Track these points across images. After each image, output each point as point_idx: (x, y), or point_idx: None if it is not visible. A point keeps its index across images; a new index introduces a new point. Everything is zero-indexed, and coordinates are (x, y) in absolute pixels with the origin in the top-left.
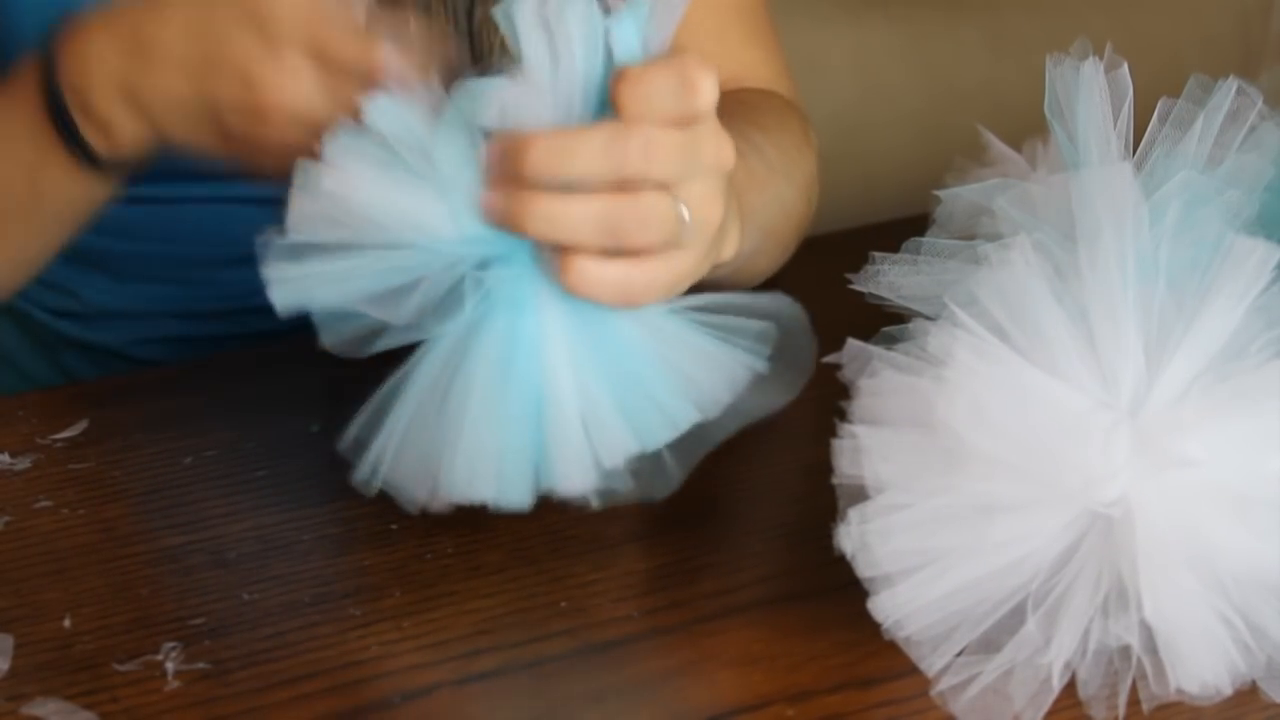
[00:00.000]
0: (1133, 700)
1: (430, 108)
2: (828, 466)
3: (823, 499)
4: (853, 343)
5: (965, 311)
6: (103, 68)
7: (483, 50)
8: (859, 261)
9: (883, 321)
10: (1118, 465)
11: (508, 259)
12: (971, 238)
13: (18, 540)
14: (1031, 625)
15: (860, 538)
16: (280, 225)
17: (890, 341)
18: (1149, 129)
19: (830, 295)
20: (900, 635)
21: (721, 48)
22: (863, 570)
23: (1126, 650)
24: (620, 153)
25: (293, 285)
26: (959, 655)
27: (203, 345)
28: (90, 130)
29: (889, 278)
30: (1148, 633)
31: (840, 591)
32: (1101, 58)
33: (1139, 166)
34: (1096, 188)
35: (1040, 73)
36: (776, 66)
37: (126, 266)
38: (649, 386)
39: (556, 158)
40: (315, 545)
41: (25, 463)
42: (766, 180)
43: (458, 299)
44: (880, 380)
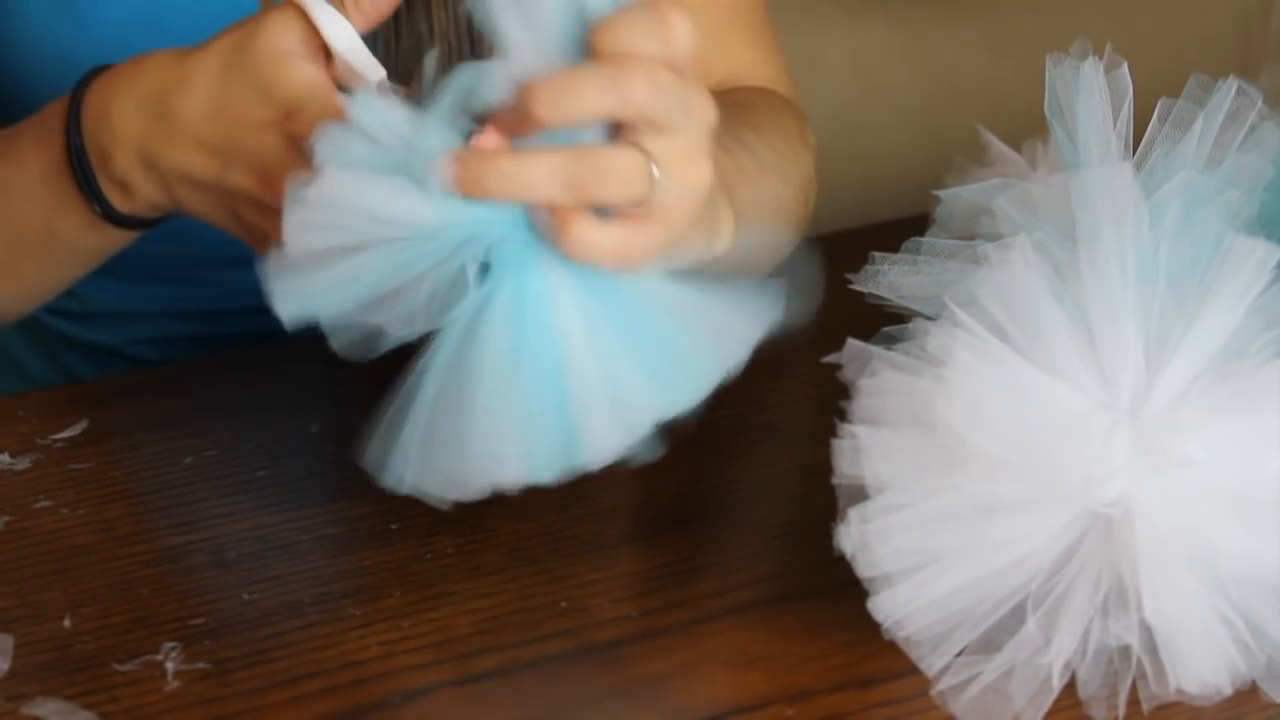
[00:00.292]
0: (1133, 700)
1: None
2: (827, 466)
3: (822, 499)
4: (853, 343)
5: (965, 311)
6: (125, 128)
7: (483, 50)
8: (859, 261)
9: (883, 321)
10: (1118, 465)
11: (507, 238)
12: (971, 238)
13: (18, 540)
14: (1031, 625)
15: (860, 538)
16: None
17: (890, 341)
18: (1149, 129)
19: (830, 295)
20: (900, 635)
21: (721, 47)
22: (863, 570)
23: (1126, 650)
24: (625, 85)
25: (296, 297)
26: (959, 655)
27: (203, 345)
28: (110, 188)
29: (889, 278)
30: (1148, 633)
31: (840, 591)
32: (1101, 58)
33: (1139, 166)
34: (1096, 188)
35: (1040, 73)
36: (776, 66)
37: (126, 266)
38: (668, 345)
39: (561, 95)
40: (315, 545)
41: (25, 463)
42: (758, 177)
43: (462, 287)
44: (880, 380)
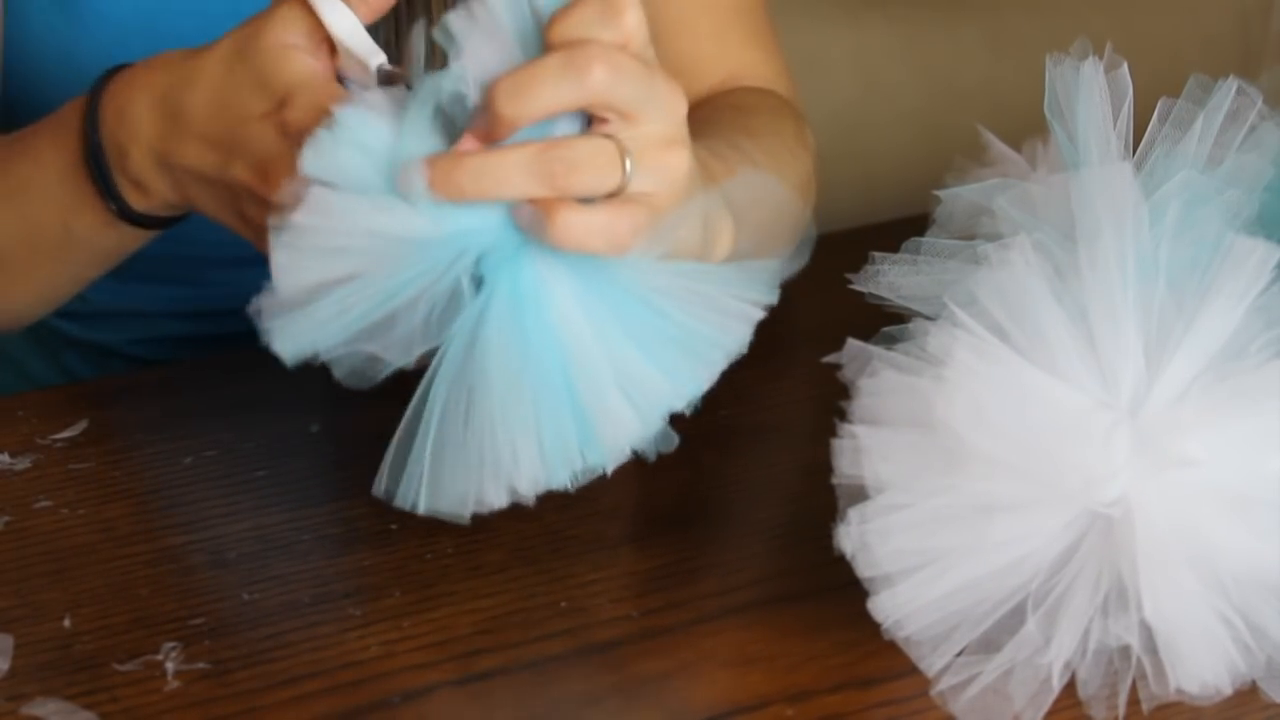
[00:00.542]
0: (1133, 700)
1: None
2: (827, 466)
3: (822, 499)
4: (853, 343)
5: (965, 311)
6: (140, 126)
7: None
8: (859, 261)
9: (883, 321)
10: (1118, 465)
11: (496, 246)
12: (971, 238)
13: (18, 540)
14: (1031, 625)
15: (860, 538)
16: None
17: (890, 341)
18: (1149, 129)
19: (830, 295)
20: (900, 635)
21: (721, 48)
22: (863, 570)
23: (1126, 650)
24: (582, 69)
25: (293, 333)
26: (959, 655)
27: (203, 345)
28: (126, 187)
29: (889, 278)
30: (1148, 633)
31: (840, 591)
32: (1101, 58)
33: (1139, 166)
34: (1096, 188)
35: (1040, 73)
36: (776, 66)
37: (127, 266)
38: (672, 331)
39: (521, 88)
40: (315, 545)
41: (25, 463)
42: None
43: (458, 303)
44: (880, 380)
